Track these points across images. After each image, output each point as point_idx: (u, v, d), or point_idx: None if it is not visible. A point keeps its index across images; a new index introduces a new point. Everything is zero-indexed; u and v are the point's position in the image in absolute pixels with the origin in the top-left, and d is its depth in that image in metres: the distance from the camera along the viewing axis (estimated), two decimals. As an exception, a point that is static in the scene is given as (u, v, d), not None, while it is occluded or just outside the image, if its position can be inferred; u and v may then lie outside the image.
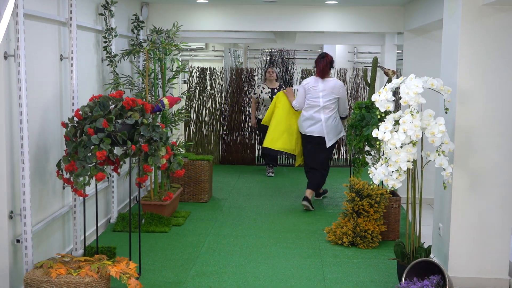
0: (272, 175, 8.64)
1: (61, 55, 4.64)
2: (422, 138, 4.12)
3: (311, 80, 6.54)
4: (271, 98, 8.07)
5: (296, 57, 10.16)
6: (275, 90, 8.29)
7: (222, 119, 9.47)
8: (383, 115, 4.47)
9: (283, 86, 8.38)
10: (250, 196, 7.28)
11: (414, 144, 3.99)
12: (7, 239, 3.82)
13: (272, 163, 8.81)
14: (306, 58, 13.26)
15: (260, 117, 8.45)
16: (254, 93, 8.46)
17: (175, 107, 9.37)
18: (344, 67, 10.23)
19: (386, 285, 4.43)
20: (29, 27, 4.00)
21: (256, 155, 9.56)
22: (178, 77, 6.86)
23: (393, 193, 5.63)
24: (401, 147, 3.98)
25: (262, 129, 8.26)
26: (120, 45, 6.14)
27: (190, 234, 5.65)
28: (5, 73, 3.73)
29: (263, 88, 8.40)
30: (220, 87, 9.51)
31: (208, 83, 9.48)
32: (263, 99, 8.38)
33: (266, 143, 6.79)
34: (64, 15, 4.66)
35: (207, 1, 7.27)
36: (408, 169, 4.14)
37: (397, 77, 8.17)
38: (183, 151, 6.63)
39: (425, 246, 4.61)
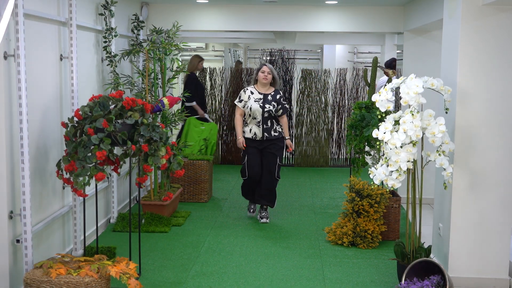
0: (253, 214, 6.31)
1: (61, 55, 4.64)
2: (422, 138, 4.12)
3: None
4: (263, 107, 5.84)
5: (296, 57, 10.17)
6: (269, 97, 5.91)
7: (222, 119, 9.47)
8: (383, 115, 4.47)
9: (280, 92, 6.02)
10: (250, 196, 7.28)
11: (414, 144, 3.99)
12: (7, 239, 3.82)
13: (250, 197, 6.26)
14: (306, 58, 13.27)
15: (247, 134, 5.95)
16: (240, 100, 5.97)
17: (175, 107, 9.37)
18: (344, 67, 10.23)
19: (386, 285, 4.42)
20: (29, 27, 4.00)
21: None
22: (178, 77, 6.86)
23: (393, 193, 5.63)
24: (401, 147, 3.98)
25: (249, 151, 5.94)
26: (120, 45, 6.14)
27: (190, 234, 5.65)
28: (5, 73, 3.73)
29: (251, 93, 5.94)
30: (220, 87, 9.51)
31: (208, 83, 9.48)
32: (250, 108, 5.86)
33: None
34: (64, 15, 4.66)
35: (207, 1, 7.27)
36: (408, 169, 4.14)
37: (397, 77, 8.18)
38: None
39: (425, 246, 4.61)
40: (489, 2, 4.14)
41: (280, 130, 5.97)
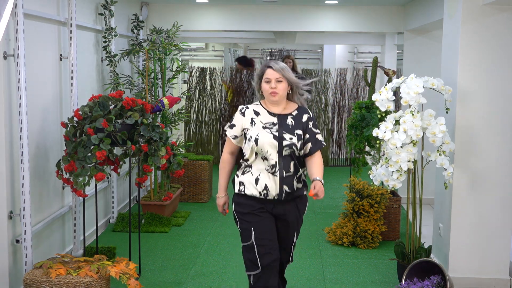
0: None
1: (61, 55, 4.64)
2: (422, 138, 4.12)
3: None
4: (280, 139, 3.25)
5: (296, 57, 10.17)
6: (289, 120, 3.31)
7: (222, 119, 9.46)
8: (383, 114, 4.47)
9: (308, 111, 3.39)
10: (250, 196, 7.27)
11: (414, 144, 3.98)
12: (7, 239, 3.81)
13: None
14: (306, 58, 13.25)
15: (250, 190, 3.35)
16: (231, 125, 3.41)
17: (175, 107, 9.36)
18: (344, 67, 10.23)
19: (386, 285, 4.42)
20: (28, 27, 3.99)
21: None
22: (178, 77, 6.85)
23: (393, 193, 5.63)
24: (402, 147, 3.97)
25: (253, 221, 3.31)
26: (120, 45, 6.13)
27: (190, 234, 5.64)
28: (4, 73, 3.72)
29: (256, 114, 3.35)
30: (220, 87, 9.50)
31: (208, 83, 9.48)
32: (256, 141, 3.25)
33: None
34: (64, 15, 4.65)
35: (207, 1, 7.27)
36: (408, 169, 4.13)
37: (397, 77, 8.16)
38: (183, 151, 6.62)
39: (426, 246, 4.60)
40: (489, 2, 4.13)
41: (304, 178, 3.40)
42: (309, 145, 3.32)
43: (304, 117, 3.35)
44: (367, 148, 5.57)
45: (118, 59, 5.83)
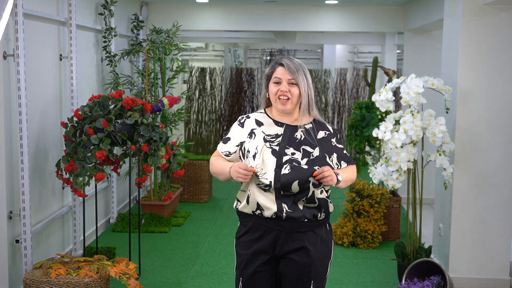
0: None
1: (61, 55, 4.63)
2: (422, 138, 4.11)
3: None
4: (279, 154, 2.48)
5: (296, 57, 10.14)
6: (298, 133, 2.54)
7: (222, 119, 9.46)
8: (383, 115, 4.47)
9: (328, 127, 2.63)
10: (250, 196, 7.26)
11: (414, 144, 3.98)
12: (6, 240, 3.81)
13: None
14: (306, 58, 13.26)
15: (243, 207, 2.56)
16: (226, 139, 2.64)
17: (175, 107, 9.36)
18: (344, 67, 10.22)
19: (386, 286, 4.42)
20: (28, 27, 3.99)
21: None
22: (178, 77, 6.85)
23: (394, 193, 5.62)
24: (402, 147, 3.97)
25: (247, 267, 2.56)
26: (119, 45, 6.13)
27: (190, 234, 5.64)
28: (4, 73, 3.72)
29: (258, 124, 2.59)
30: (220, 87, 9.50)
31: (208, 83, 9.48)
32: (254, 156, 2.50)
33: None
34: (64, 15, 4.65)
35: (207, 1, 7.26)
36: (408, 169, 4.13)
37: (397, 77, 8.15)
38: (183, 151, 6.62)
39: (426, 246, 4.60)
40: (489, 2, 4.13)
41: (326, 198, 2.57)
42: (343, 163, 2.61)
43: (321, 134, 2.58)
44: (367, 148, 5.56)
45: (118, 59, 5.83)
